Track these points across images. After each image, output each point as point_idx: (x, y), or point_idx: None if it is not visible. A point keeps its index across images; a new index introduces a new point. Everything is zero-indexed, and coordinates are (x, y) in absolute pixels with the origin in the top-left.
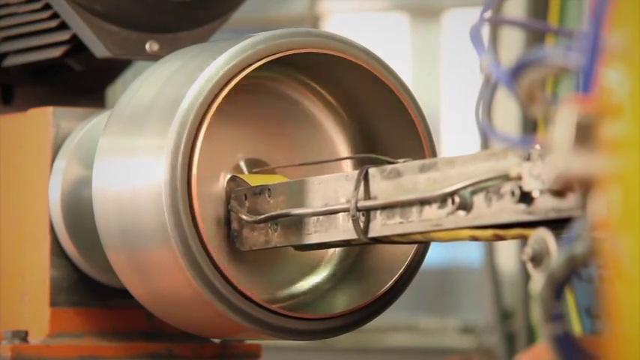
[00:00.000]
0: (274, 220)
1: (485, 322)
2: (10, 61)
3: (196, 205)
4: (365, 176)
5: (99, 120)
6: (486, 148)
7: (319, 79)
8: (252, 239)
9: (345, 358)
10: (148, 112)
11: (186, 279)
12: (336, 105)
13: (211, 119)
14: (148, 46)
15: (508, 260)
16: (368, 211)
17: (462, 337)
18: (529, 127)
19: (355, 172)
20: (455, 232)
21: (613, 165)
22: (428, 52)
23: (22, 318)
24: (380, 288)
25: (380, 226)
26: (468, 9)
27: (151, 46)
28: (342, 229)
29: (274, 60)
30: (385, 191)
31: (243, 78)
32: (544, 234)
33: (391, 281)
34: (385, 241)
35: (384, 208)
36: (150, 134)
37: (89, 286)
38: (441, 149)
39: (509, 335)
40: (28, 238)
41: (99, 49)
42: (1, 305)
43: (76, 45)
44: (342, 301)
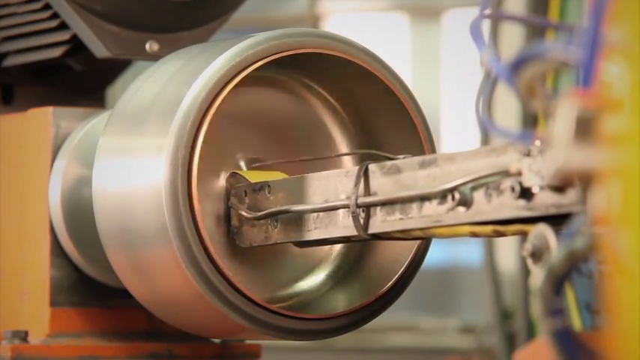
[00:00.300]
0: (274, 217)
1: (485, 322)
2: (10, 61)
3: (196, 205)
4: (365, 172)
5: (99, 120)
6: (486, 144)
7: (319, 79)
8: (252, 235)
9: (345, 358)
10: (148, 112)
11: (187, 279)
12: (336, 105)
13: (211, 119)
14: (148, 46)
15: (508, 260)
16: (368, 208)
17: (462, 337)
18: (529, 123)
19: (355, 169)
20: (455, 229)
21: (613, 159)
22: (428, 52)
23: (22, 318)
24: (380, 288)
25: (380, 223)
26: (468, 9)
27: (151, 46)
28: (342, 225)
29: (274, 60)
30: (385, 187)
31: (243, 78)
32: (544, 230)
33: (391, 281)
34: (385, 238)
35: (384, 204)
36: (150, 134)
37: (89, 286)
38: (441, 149)
39: (509, 335)
40: (28, 238)
41: (99, 49)
42: (1, 305)
43: (76, 45)
44: (342, 301)
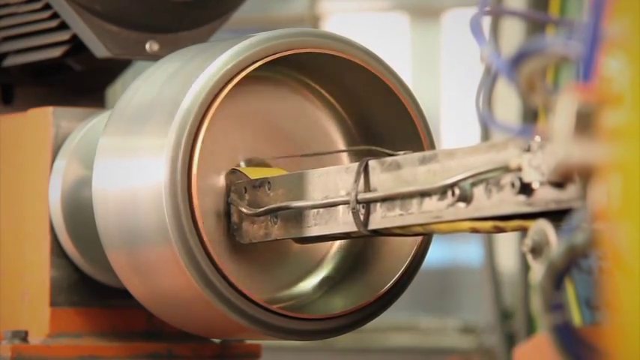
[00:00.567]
0: (274, 213)
1: (486, 322)
2: (10, 61)
3: (196, 205)
4: (365, 168)
5: (99, 120)
6: (486, 140)
7: (319, 79)
8: (252, 232)
9: (345, 358)
10: (148, 112)
11: (187, 279)
12: (336, 105)
13: (211, 119)
14: (148, 46)
15: (508, 260)
16: (368, 204)
17: (462, 337)
18: (529, 118)
19: (355, 165)
20: (455, 224)
21: (613, 154)
22: (428, 52)
23: (22, 318)
24: (380, 288)
25: (380, 219)
26: (468, 9)
27: (151, 46)
28: (342, 221)
29: (274, 60)
30: (385, 183)
31: (243, 78)
32: (544, 225)
33: (392, 281)
34: (385, 234)
35: (384, 200)
36: (150, 134)
37: (89, 286)
38: (441, 148)
39: (509, 335)
40: (28, 238)
41: (99, 49)
42: (1, 305)
43: (76, 45)
44: (342, 301)
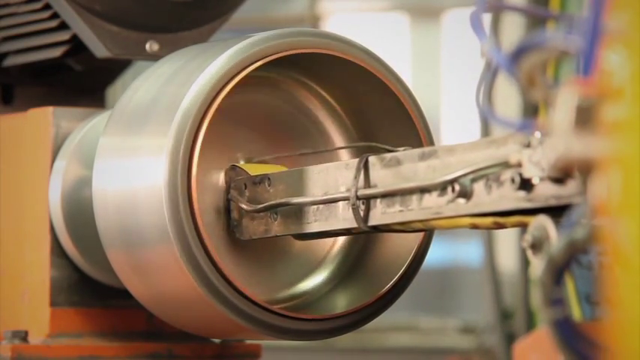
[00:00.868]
0: (274, 209)
1: (486, 322)
2: (10, 61)
3: (196, 205)
4: (365, 164)
5: (99, 120)
6: (487, 136)
7: (319, 79)
8: (251, 228)
9: (345, 358)
10: (148, 112)
11: (187, 279)
12: (336, 105)
13: (211, 119)
14: (148, 46)
15: (508, 260)
16: (368, 200)
17: (462, 337)
18: (530, 113)
19: (355, 161)
20: (455, 220)
21: (613, 148)
22: (428, 52)
23: (22, 318)
24: (380, 288)
25: (380, 215)
26: (468, 9)
27: (151, 46)
28: (342, 217)
29: (274, 60)
30: (385, 179)
31: (243, 78)
32: (544, 221)
33: (392, 281)
34: (385, 230)
35: (384, 196)
36: (150, 134)
37: (89, 286)
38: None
39: (509, 335)
40: (28, 238)
41: (99, 49)
42: (1, 305)
43: (76, 45)
44: (342, 302)
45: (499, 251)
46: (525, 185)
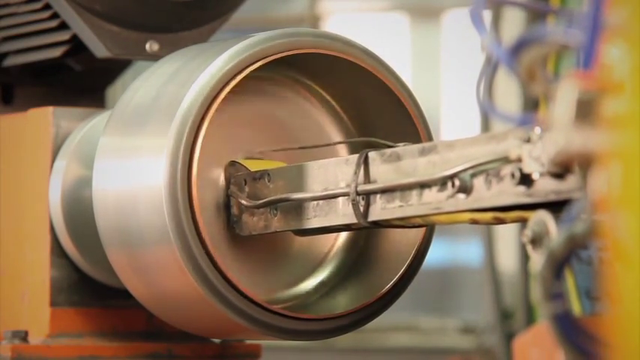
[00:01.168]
0: (274, 205)
1: (486, 322)
2: (10, 61)
3: (197, 206)
4: (365, 160)
5: (99, 120)
6: (487, 131)
7: (319, 79)
8: (251, 224)
9: (345, 358)
10: (148, 112)
11: (187, 279)
12: (336, 105)
13: (211, 119)
14: (148, 46)
15: (508, 260)
16: (368, 195)
17: (462, 337)
18: (530, 108)
19: (355, 156)
20: (455, 215)
21: (613, 141)
22: (428, 52)
23: (22, 318)
24: (381, 288)
25: (380, 210)
26: (468, 9)
27: (151, 46)
28: (342, 213)
29: (274, 60)
30: (385, 175)
31: (242, 78)
32: (544, 216)
33: (392, 281)
34: (385, 225)
35: (383, 191)
36: (150, 134)
37: (89, 286)
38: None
39: (509, 335)
40: (28, 238)
41: (99, 49)
42: (1, 305)
43: (76, 45)
44: (343, 302)
45: (499, 251)
46: (525, 180)
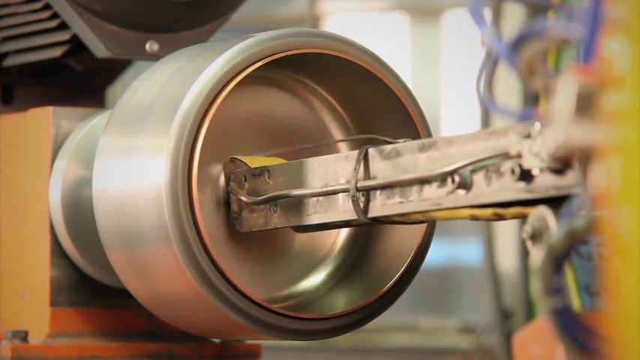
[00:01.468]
0: (274, 201)
1: (485, 322)
2: (10, 61)
3: (197, 205)
4: (365, 156)
5: (99, 120)
6: (487, 127)
7: (319, 79)
8: (251, 220)
9: (345, 358)
10: (148, 112)
11: (187, 279)
12: (336, 104)
13: (211, 119)
14: (148, 46)
15: (508, 260)
16: (368, 191)
17: (462, 337)
18: (530, 103)
19: (355, 153)
20: (455, 211)
21: (613, 136)
22: (428, 52)
23: (22, 318)
24: (380, 288)
25: (380, 206)
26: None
27: (151, 46)
28: (342, 209)
29: (274, 60)
30: (385, 171)
31: (242, 78)
32: (544, 212)
33: (392, 281)
34: (385, 221)
35: (383, 187)
36: (150, 134)
37: (89, 286)
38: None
39: (509, 335)
40: (28, 238)
41: (99, 49)
42: (1, 305)
43: (76, 45)
44: (342, 301)
45: (499, 251)
46: (525, 176)
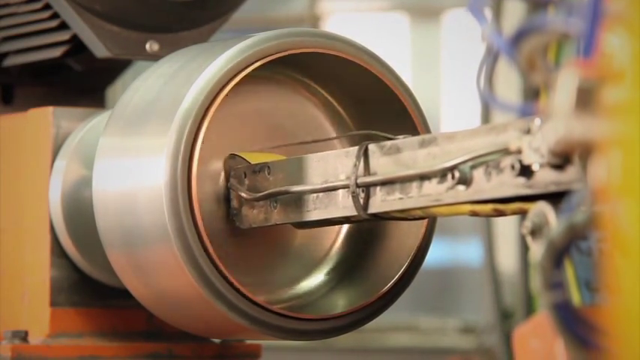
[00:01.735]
0: (274, 198)
1: (485, 322)
2: (10, 61)
3: (196, 205)
4: (365, 152)
5: (99, 120)
6: (487, 122)
7: (319, 78)
8: (251, 217)
9: (345, 358)
10: (148, 112)
11: (187, 279)
12: (336, 104)
13: (211, 119)
14: (148, 46)
15: (508, 260)
16: (368, 187)
17: (462, 337)
18: (530, 98)
19: (355, 149)
20: (455, 207)
21: (613, 130)
22: (428, 52)
23: (22, 318)
24: (380, 288)
25: (380, 202)
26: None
27: (151, 46)
28: (342, 205)
29: (274, 60)
30: (385, 167)
31: (242, 77)
32: (544, 207)
33: (392, 281)
34: (385, 217)
35: (383, 183)
36: (150, 134)
37: (89, 286)
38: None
39: (509, 335)
40: (28, 238)
41: (99, 49)
42: (1, 305)
43: (76, 45)
44: (342, 301)
45: (499, 251)
46: (525, 172)
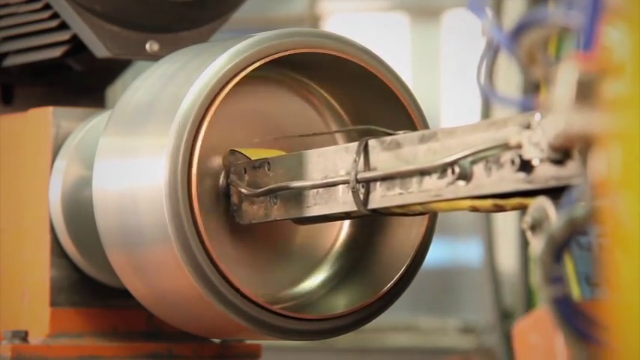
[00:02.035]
0: (274, 193)
1: (485, 322)
2: (10, 61)
3: (196, 206)
4: (365, 147)
5: (99, 120)
6: (487, 118)
7: (319, 78)
8: (251, 213)
9: (345, 358)
10: (148, 112)
11: (187, 279)
12: (335, 104)
13: (211, 119)
14: (148, 46)
15: (508, 260)
16: (368, 183)
17: (462, 337)
18: (531, 93)
19: (355, 144)
20: (455, 203)
21: (614, 123)
22: (428, 52)
23: (22, 318)
24: (380, 288)
25: (380, 198)
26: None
27: (151, 46)
28: (342, 201)
29: (274, 60)
30: (385, 162)
31: (242, 78)
32: (544, 202)
33: (392, 281)
34: (385, 213)
35: (383, 179)
36: (150, 134)
37: (89, 286)
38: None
39: (509, 335)
40: (28, 238)
41: (99, 49)
42: (1, 305)
43: (76, 45)
44: (342, 301)
45: (499, 251)
46: (525, 167)
